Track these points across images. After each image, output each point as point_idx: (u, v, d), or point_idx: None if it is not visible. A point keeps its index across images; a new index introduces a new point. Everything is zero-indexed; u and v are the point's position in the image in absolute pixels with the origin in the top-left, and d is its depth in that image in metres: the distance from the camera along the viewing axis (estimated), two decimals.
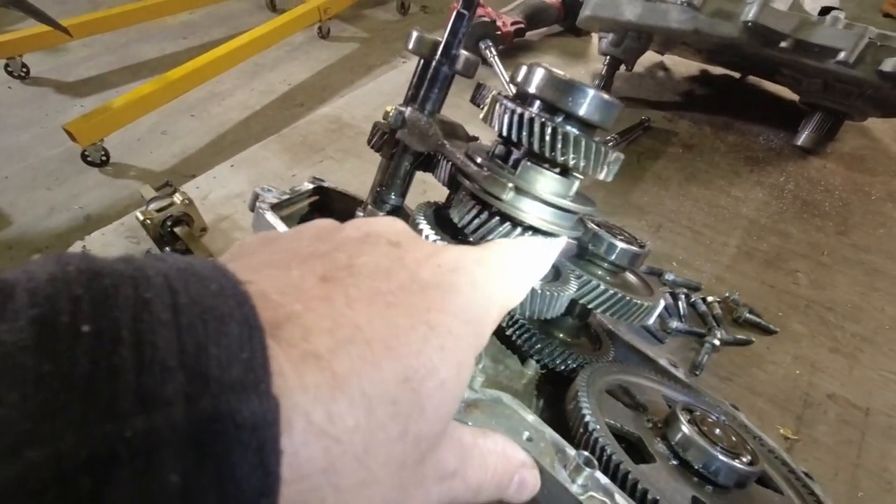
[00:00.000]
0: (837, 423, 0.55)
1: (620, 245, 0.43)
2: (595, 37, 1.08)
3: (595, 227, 0.43)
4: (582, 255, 0.45)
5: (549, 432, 0.31)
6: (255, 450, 0.13)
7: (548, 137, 0.30)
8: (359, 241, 0.21)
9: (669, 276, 0.66)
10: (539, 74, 0.32)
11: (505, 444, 0.24)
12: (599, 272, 0.45)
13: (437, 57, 0.37)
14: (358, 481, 0.17)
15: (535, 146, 0.31)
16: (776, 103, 0.98)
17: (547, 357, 0.46)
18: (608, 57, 0.93)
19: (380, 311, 0.18)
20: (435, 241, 0.35)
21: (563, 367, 0.46)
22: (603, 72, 0.95)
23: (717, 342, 0.60)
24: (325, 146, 0.88)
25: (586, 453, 0.29)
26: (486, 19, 1.04)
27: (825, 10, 0.76)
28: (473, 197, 0.35)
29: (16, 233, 2.20)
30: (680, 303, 0.63)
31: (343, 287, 0.18)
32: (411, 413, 0.18)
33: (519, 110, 0.31)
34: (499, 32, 1.04)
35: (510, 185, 0.32)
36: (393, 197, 0.41)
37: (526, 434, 0.31)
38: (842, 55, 0.67)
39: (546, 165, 0.32)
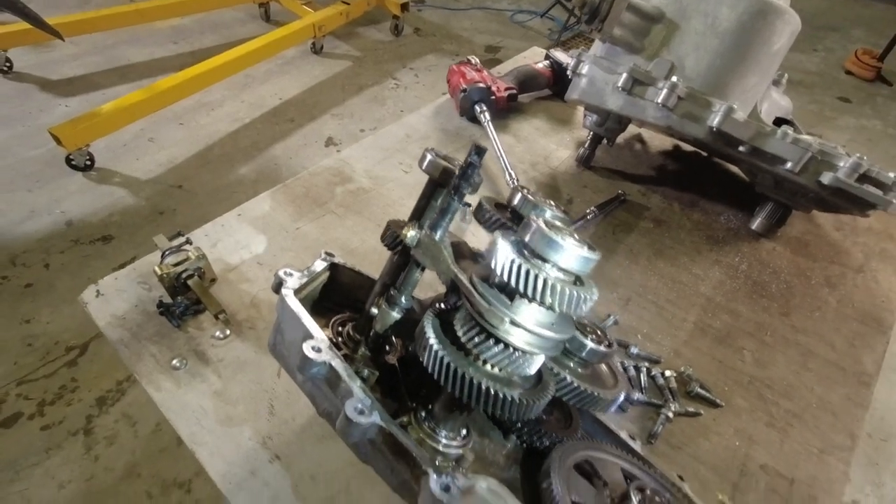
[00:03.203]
0: (766, 491, 0.64)
1: (590, 345, 0.52)
2: (580, 108, 1.17)
3: None
4: None
5: None
6: None
7: (539, 287, 0.38)
8: None
9: (634, 350, 0.75)
10: (532, 228, 0.40)
11: None
12: (571, 364, 0.53)
13: (451, 194, 0.44)
14: None
15: (530, 293, 0.38)
16: (738, 184, 1.09)
17: (525, 436, 0.53)
18: (591, 132, 1.03)
19: None
20: (437, 350, 0.42)
21: (538, 445, 0.53)
22: (586, 145, 1.05)
23: (670, 414, 0.68)
24: (327, 200, 0.95)
25: None
26: (482, 85, 1.12)
27: (779, 121, 0.87)
28: (473, 318, 0.42)
29: None
30: (642, 376, 0.72)
31: None
32: None
33: (518, 262, 0.38)
34: (493, 97, 1.13)
35: (507, 319, 0.40)
36: (404, 300, 0.49)
37: None
38: (789, 165, 0.78)
39: (536, 302, 0.40)
